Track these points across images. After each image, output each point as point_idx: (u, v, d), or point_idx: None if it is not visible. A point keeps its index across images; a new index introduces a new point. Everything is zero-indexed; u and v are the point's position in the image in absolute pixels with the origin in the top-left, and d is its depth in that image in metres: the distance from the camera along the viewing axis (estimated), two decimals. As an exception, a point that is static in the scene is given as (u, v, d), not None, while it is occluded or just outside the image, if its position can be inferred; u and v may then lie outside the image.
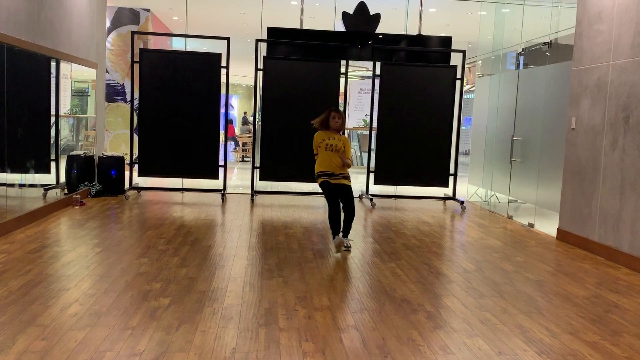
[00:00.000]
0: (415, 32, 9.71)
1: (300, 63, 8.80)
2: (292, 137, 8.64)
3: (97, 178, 8.55)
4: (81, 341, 3.20)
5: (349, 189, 5.67)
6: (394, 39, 9.43)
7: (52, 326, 3.39)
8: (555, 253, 6.00)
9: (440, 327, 3.68)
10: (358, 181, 11.27)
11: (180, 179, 9.23)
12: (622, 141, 5.62)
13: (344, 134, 6.07)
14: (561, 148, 6.85)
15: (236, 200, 8.70)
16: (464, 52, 9.16)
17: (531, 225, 7.45)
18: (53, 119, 7.22)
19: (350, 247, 5.71)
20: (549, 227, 7.18)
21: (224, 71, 8.66)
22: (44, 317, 3.53)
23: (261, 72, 8.73)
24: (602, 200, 5.89)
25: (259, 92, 8.98)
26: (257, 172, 8.85)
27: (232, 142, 18.14)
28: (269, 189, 9.35)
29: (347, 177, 5.72)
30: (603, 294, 4.56)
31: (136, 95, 8.70)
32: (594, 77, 6.13)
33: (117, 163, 8.63)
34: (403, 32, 10.26)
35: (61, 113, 7.46)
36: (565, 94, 6.91)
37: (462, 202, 8.88)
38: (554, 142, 7.26)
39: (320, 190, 5.87)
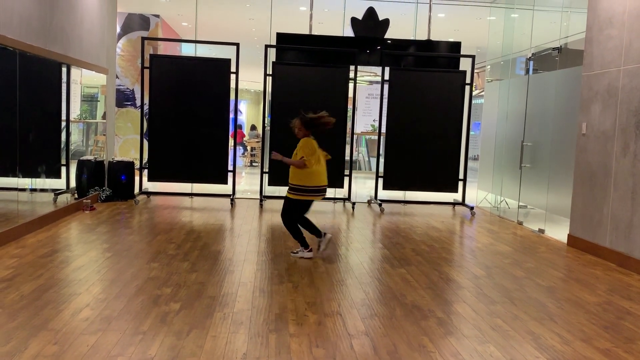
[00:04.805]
0: (424, 37, 9.71)
1: (309, 68, 8.81)
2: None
3: (107, 183, 8.59)
4: (93, 346, 3.21)
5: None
6: (402, 44, 9.43)
7: (64, 330, 3.41)
8: (566, 259, 5.96)
9: (451, 333, 3.66)
10: (366, 186, 11.27)
11: (190, 184, 9.26)
12: (634, 147, 5.59)
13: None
14: (571, 153, 6.82)
15: (245, 205, 8.71)
16: (473, 57, 9.15)
17: (541, 231, 7.41)
18: (63, 124, 7.27)
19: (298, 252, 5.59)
20: (559, 233, 7.14)
21: (233, 77, 8.69)
22: (55, 322, 3.54)
23: (270, 77, 8.76)
24: (614, 206, 5.85)
25: (268, 98, 9.01)
26: (265, 177, 8.86)
27: (241, 147, 18.19)
28: (277, 194, 9.35)
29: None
30: (615, 301, 4.53)
31: (146, 100, 8.75)
32: (605, 82, 6.10)
33: (127, 168, 8.67)
34: (412, 37, 10.26)
35: (71, 118, 7.51)
36: (575, 99, 6.88)
37: (472, 208, 8.84)
38: (564, 147, 7.23)
39: (326, 195, 5.88)
